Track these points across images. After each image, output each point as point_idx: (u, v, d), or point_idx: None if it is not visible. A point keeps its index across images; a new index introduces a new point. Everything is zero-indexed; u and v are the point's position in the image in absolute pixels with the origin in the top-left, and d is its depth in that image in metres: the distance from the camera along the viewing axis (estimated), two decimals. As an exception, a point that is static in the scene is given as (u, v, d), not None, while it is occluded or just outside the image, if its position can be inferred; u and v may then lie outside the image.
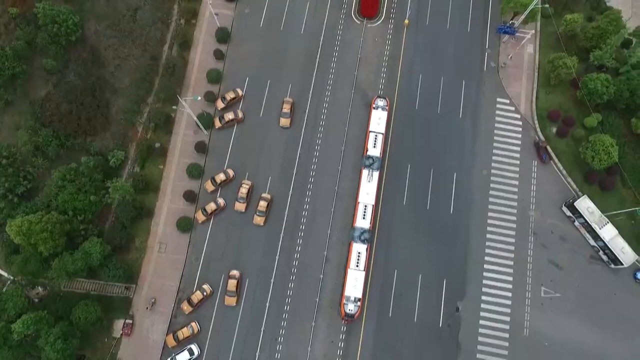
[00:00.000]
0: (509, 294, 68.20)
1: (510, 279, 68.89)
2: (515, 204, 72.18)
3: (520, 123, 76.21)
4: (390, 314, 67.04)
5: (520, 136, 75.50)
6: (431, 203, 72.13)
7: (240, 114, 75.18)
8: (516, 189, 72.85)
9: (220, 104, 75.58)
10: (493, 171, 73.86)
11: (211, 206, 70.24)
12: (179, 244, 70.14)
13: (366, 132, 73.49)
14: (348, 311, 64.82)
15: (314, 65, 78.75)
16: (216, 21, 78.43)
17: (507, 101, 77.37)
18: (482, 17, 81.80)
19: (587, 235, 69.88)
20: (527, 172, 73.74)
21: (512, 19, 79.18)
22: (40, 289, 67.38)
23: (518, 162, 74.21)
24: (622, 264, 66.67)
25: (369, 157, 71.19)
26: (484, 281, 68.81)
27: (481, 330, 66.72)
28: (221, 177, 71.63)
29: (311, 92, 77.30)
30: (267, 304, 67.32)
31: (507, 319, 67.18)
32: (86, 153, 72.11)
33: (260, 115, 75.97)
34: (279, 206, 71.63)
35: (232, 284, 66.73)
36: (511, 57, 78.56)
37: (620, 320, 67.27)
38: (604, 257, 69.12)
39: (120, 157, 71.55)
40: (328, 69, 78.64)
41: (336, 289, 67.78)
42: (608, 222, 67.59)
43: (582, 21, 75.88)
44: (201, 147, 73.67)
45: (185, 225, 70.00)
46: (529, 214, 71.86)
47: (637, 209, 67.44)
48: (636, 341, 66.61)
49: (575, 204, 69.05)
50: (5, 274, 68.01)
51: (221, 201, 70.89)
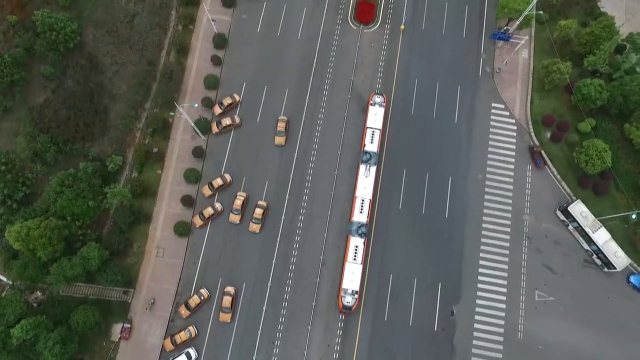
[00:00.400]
0: (504, 298, 68.81)
1: (505, 282, 69.49)
2: (510, 208, 72.80)
3: (515, 128, 76.80)
4: (385, 318, 67.65)
5: (515, 141, 76.11)
6: (426, 207, 72.79)
7: (238, 120, 75.78)
8: (511, 194, 73.48)
9: (218, 110, 76.18)
10: (488, 175, 74.47)
11: (208, 211, 70.87)
12: (177, 249, 70.77)
13: (363, 128, 74.29)
14: (346, 303, 65.69)
15: (311, 71, 79.37)
16: (213, 27, 78.89)
17: (502, 106, 77.98)
18: (477, 23, 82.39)
19: (581, 240, 70.45)
20: (522, 177, 74.38)
21: (506, 25, 79.71)
22: (39, 293, 67.95)
23: (513, 166, 74.81)
24: (615, 267, 67.20)
25: (366, 152, 72.05)
26: (479, 285, 69.42)
27: (476, 334, 67.35)
28: (218, 182, 72.22)
29: (308, 97, 77.88)
30: (264, 308, 67.92)
31: (502, 322, 67.78)
32: (84, 158, 72.66)
33: (257, 121, 76.58)
34: (275, 211, 72.20)
35: (227, 300, 66.63)
36: (506, 63, 79.20)
37: (614, 323, 67.90)
38: (598, 261, 69.69)
39: (118, 162, 72.17)
40: (324, 74, 79.24)
41: (333, 292, 68.40)
42: (601, 227, 68.15)
43: (576, 27, 76.43)
44: (199, 152, 74.31)
45: (182, 229, 70.63)
46: (523, 218, 72.48)
47: (630, 213, 67.93)
48: (629, 344, 67.22)
49: (569, 208, 69.54)
50: (5, 279, 68.54)
51: (218, 206, 71.50)
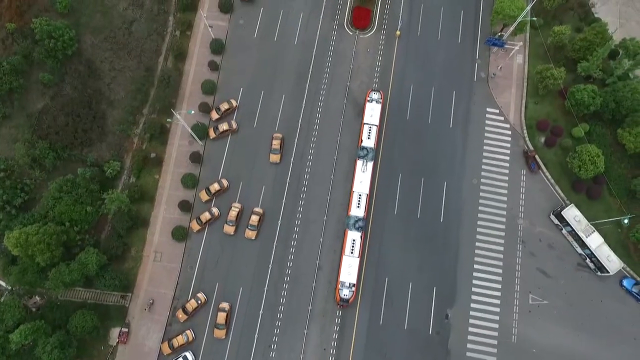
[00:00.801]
0: (498, 302, 69.38)
1: (499, 286, 70.06)
2: (505, 212, 73.38)
3: (510, 133, 77.36)
4: (381, 321, 68.34)
5: (509, 145, 76.64)
6: (421, 211, 73.45)
7: (235, 125, 76.41)
8: (505, 198, 74.07)
9: (215, 115, 76.79)
10: (483, 180, 75.04)
11: (206, 215, 71.52)
12: (174, 253, 71.43)
13: (361, 124, 75.32)
14: (343, 296, 66.56)
15: (307, 76, 80.00)
16: (211, 33, 79.52)
17: (497, 111, 78.54)
18: (472, 28, 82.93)
19: (575, 244, 71.05)
20: (516, 181, 74.97)
21: (501, 30, 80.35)
22: (37, 298, 68.59)
23: (507, 171, 75.36)
24: (608, 271, 67.81)
25: (363, 147, 73.04)
26: (473, 288, 70.05)
27: (470, 337, 67.96)
28: (215, 187, 72.84)
29: (304, 102, 78.52)
30: (261, 312, 68.56)
31: (496, 326, 68.39)
32: (82, 164, 73.29)
33: (254, 126, 77.20)
34: (272, 216, 72.84)
35: (221, 317, 66.70)
36: (501, 68, 79.81)
37: (607, 327, 68.52)
38: (591, 265, 70.30)
39: (116, 167, 72.79)
40: (321, 79, 79.84)
41: (329, 296, 69.08)
42: (594, 231, 68.68)
43: (570, 33, 76.89)
44: (196, 158, 74.94)
45: (180, 234, 71.28)
46: (517, 222, 73.08)
47: (622, 217, 68.57)
48: (622, 348, 67.84)
49: (562, 212, 70.11)
50: (3, 284, 69.24)
51: (215, 210, 72.13)
